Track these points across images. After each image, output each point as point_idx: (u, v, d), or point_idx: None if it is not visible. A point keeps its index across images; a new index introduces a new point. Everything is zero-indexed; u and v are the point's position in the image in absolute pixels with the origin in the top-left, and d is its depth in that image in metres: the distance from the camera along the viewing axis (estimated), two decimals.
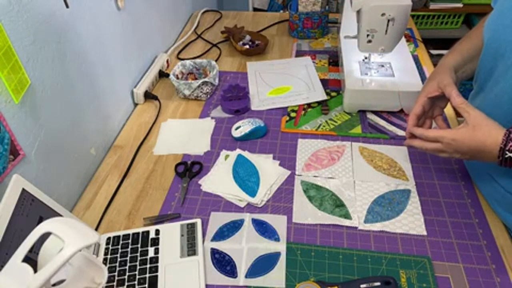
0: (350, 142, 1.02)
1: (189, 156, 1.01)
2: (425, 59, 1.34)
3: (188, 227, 0.82)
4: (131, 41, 1.17)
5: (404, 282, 0.72)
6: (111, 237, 0.81)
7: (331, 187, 0.90)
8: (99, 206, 0.90)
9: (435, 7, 2.29)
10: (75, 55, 0.89)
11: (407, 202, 0.86)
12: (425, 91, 0.84)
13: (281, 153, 1.00)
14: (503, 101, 0.74)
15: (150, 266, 0.75)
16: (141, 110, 1.19)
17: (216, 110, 1.15)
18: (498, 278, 0.72)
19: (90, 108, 0.98)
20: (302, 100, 1.16)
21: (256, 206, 0.87)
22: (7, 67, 0.67)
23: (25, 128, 0.75)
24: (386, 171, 0.93)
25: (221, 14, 1.71)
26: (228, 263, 0.77)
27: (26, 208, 0.66)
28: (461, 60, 0.86)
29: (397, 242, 0.79)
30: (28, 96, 0.75)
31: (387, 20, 0.95)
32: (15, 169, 0.73)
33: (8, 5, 0.68)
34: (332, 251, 0.78)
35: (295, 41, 1.49)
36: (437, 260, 0.75)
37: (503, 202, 0.80)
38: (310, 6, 1.42)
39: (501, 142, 0.67)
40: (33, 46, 0.75)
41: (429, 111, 0.87)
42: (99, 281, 0.72)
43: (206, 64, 1.25)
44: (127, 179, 0.96)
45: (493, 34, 0.76)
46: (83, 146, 0.96)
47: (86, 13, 0.92)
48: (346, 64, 1.16)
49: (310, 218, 0.84)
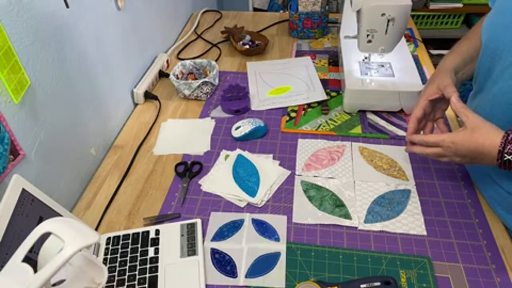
0: (350, 142, 1.02)
1: (189, 156, 1.01)
2: (425, 59, 1.34)
3: (188, 227, 0.82)
4: (131, 41, 1.17)
5: (404, 282, 0.72)
6: (111, 237, 0.81)
7: (331, 187, 0.90)
8: (99, 206, 0.90)
9: (435, 7, 2.29)
10: (75, 55, 0.89)
11: (407, 202, 0.86)
12: (425, 94, 0.84)
13: (281, 153, 1.00)
14: (501, 101, 0.74)
15: (150, 266, 0.75)
16: (141, 110, 1.19)
17: (216, 110, 1.15)
18: (498, 278, 0.72)
19: (90, 108, 0.98)
20: (302, 100, 1.16)
21: (256, 206, 0.87)
22: (7, 67, 0.67)
23: (25, 128, 0.75)
24: (386, 171, 0.93)
25: (221, 14, 1.71)
26: (228, 263, 0.77)
27: (26, 208, 0.66)
28: (461, 61, 0.86)
29: (397, 242, 0.79)
30: (28, 96, 0.75)
31: (387, 20, 0.95)
32: (15, 169, 0.73)
33: (8, 5, 0.68)
34: (332, 251, 0.78)
35: (295, 41, 1.49)
36: (437, 260, 0.75)
37: (503, 204, 0.80)
38: (310, 6, 1.42)
39: (499, 144, 0.67)
40: (33, 46, 0.75)
41: (431, 114, 0.86)
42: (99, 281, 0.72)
43: (206, 64, 1.25)
44: (127, 179, 0.96)
45: (491, 34, 0.76)
46: (83, 146, 0.96)
47: (86, 13, 0.92)
48: (346, 64, 1.16)
49: (310, 218, 0.84)
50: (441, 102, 0.85)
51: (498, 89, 0.75)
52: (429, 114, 0.86)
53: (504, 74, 0.73)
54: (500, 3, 0.76)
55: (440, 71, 0.85)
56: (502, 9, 0.75)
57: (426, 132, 0.87)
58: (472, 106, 0.87)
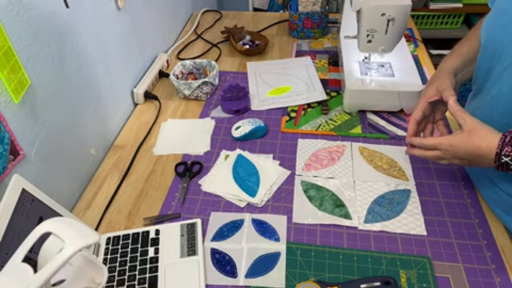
0: (350, 142, 1.02)
1: (189, 156, 1.01)
2: (425, 59, 1.34)
3: (188, 227, 0.82)
4: (131, 41, 1.17)
5: (404, 282, 0.72)
6: (111, 237, 0.81)
7: (331, 187, 0.90)
8: (99, 206, 0.90)
9: (435, 7, 2.29)
10: (75, 55, 0.89)
11: (407, 202, 0.86)
12: (425, 95, 0.84)
13: (281, 153, 1.00)
14: (500, 103, 0.74)
15: (150, 266, 0.75)
16: (141, 110, 1.19)
17: (216, 110, 1.15)
18: (498, 278, 0.72)
19: (90, 108, 0.98)
20: (302, 100, 1.16)
21: (256, 206, 0.87)
22: (7, 67, 0.67)
23: (25, 128, 0.75)
24: (386, 171, 0.93)
25: (221, 14, 1.71)
26: (228, 263, 0.77)
27: (26, 208, 0.66)
28: (460, 63, 0.86)
29: (397, 242, 0.79)
30: (28, 96, 0.75)
31: (387, 20, 0.95)
32: (15, 169, 0.73)
33: (8, 5, 0.68)
34: (332, 251, 0.78)
35: (295, 41, 1.49)
36: (437, 260, 0.75)
37: (503, 205, 0.80)
38: (310, 6, 1.42)
39: (497, 147, 0.66)
40: (33, 46, 0.75)
41: (431, 116, 0.86)
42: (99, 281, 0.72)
43: (206, 64, 1.25)
44: (127, 179, 0.96)
45: (490, 35, 0.76)
46: (83, 146, 0.96)
47: (86, 13, 0.92)
48: (346, 64, 1.16)
49: (310, 218, 0.84)
50: (441, 104, 0.84)
51: (497, 91, 0.75)
52: (428, 116, 0.86)
53: (503, 75, 0.73)
54: (499, 4, 0.76)
55: (440, 73, 0.85)
56: (501, 9, 0.75)
57: (426, 134, 0.87)
58: (471, 107, 0.87)
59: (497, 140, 0.67)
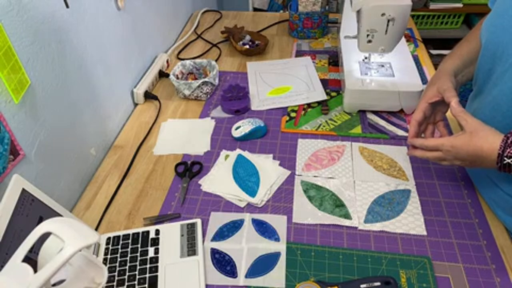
0: (350, 142, 1.02)
1: (189, 156, 1.01)
2: (425, 59, 1.34)
3: (188, 227, 0.82)
4: (131, 41, 1.17)
5: (404, 282, 0.72)
6: (111, 237, 0.81)
7: (331, 187, 0.90)
8: (99, 206, 0.90)
9: (435, 7, 2.29)
10: (75, 55, 0.89)
11: (407, 202, 0.86)
12: (425, 97, 0.84)
13: (281, 153, 1.00)
14: (501, 103, 0.74)
15: (150, 266, 0.75)
16: (141, 110, 1.19)
17: (216, 110, 1.15)
18: (498, 278, 0.72)
19: (90, 108, 0.98)
20: (302, 100, 1.16)
21: (256, 206, 0.87)
22: (7, 67, 0.67)
23: (25, 128, 0.75)
24: (386, 171, 0.93)
25: (221, 14, 1.71)
26: (228, 263, 0.77)
27: (26, 208, 0.66)
28: (460, 64, 0.86)
29: (397, 242, 0.79)
30: (28, 96, 0.75)
31: (387, 20, 0.95)
32: (15, 169, 0.73)
33: (8, 5, 0.68)
34: (332, 251, 0.78)
35: (295, 41, 1.49)
36: (437, 260, 0.75)
37: (503, 205, 0.80)
38: (310, 6, 1.42)
39: (499, 148, 0.66)
40: (33, 46, 0.75)
41: (431, 117, 0.86)
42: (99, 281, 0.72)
43: (206, 64, 1.25)
44: (127, 179, 0.96)
45: (491, 36, 0.76)
46: (83, 146, 0.96)
47: (86, 13, 0.92)
48: (346, 64, 1.16)
49: (310, 218, 0.84)
50: (441, 105, 0.84)
51: (499, 92, 0.74)
52: (429, 117, 0.86)
53: (504, 76, 0.73)
54: (500, 4, 0.76)
55: (440, 74, 0.84)
56: (501, 10, 0.74)
57: (427, 135, 0.86)
58: (472, 108, 0.86)
59: (499, 141, 0.66)
